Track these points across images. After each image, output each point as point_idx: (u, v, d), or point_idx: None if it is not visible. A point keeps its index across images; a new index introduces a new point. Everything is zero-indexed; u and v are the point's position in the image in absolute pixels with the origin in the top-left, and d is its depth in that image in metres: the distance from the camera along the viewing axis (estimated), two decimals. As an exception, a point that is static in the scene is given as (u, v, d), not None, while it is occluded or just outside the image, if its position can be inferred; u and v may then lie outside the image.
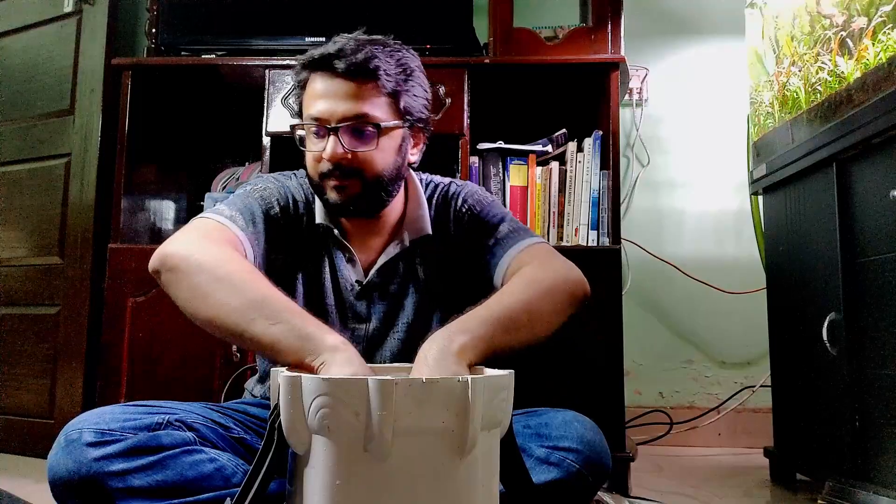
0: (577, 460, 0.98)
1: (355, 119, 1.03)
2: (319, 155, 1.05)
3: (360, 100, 1.04)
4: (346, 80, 1.03)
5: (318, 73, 1.06)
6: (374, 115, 1.04)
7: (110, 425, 0.91)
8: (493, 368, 0.87)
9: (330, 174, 1.05)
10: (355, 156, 1.04)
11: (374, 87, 1.04)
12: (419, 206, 1.18)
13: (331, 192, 1.07)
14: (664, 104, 2.47)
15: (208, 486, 0.89)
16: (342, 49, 1.03)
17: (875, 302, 1.39)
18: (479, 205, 1.20)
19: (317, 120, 1.05)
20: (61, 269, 2.05)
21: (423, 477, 0.68)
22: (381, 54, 1.05)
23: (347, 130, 1.04)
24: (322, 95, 1.04)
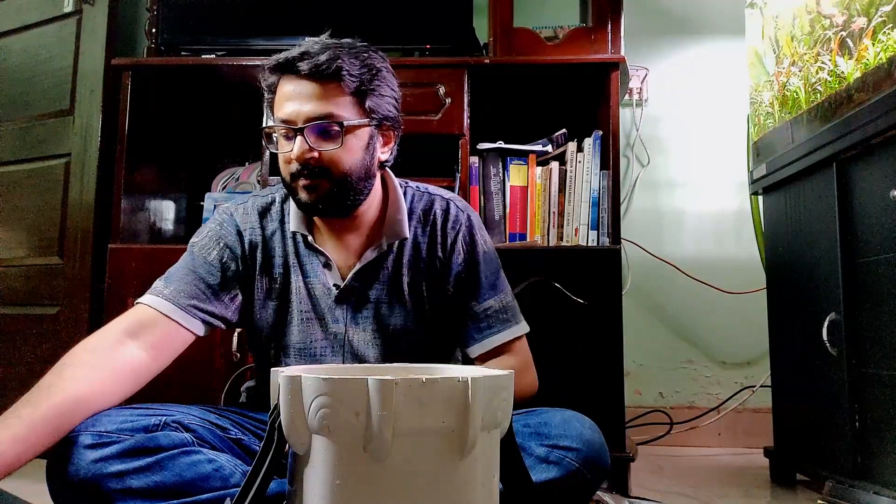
0: (576, 459, 0.99)
1: (320, 119, 1.05)
2: (289, 156, 1.07)
3: (324, 100, 1.06)
4: (310, 82, 1.06)
5: (285, 76, 1.08)
6: (338, 114, 1.06)
7: (108, 427, 0.91)
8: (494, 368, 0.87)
9: (299, 174, 1.07)
10: (322, 155, 1.06)
11: (338, 87, 1.06)
12: (398, 209, 1.18)
13: (301, 193, 1.08)
14: (664, 104, 2.46)
15: (207, 487, 0.89)
16: (306, 51, 1.06)
17: (875, 302, 1.39)
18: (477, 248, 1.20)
19: (284, 122, 1.07)
20: (61, 269, 2.05)
21: (423, 477, 0.68)
22: (344, 55, 1.07)
23: (313, 130, 1.06)
24: (289, 98, 1.07)
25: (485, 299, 1.18)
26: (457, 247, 1.19)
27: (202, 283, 1.11)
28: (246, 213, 1.19)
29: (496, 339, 1.17)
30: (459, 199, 1.25)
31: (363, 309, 1.16)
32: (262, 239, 1.17)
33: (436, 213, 1.21)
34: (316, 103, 1.05)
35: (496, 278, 1.21)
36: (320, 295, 1.16)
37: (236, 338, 1.78)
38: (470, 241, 1.20)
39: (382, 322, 1.16)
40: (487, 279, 1.19)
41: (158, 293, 1.08)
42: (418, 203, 1.21)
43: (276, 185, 1.25)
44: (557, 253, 1.81)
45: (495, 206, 1.88)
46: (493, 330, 1.17)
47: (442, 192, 1.24)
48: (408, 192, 1.22)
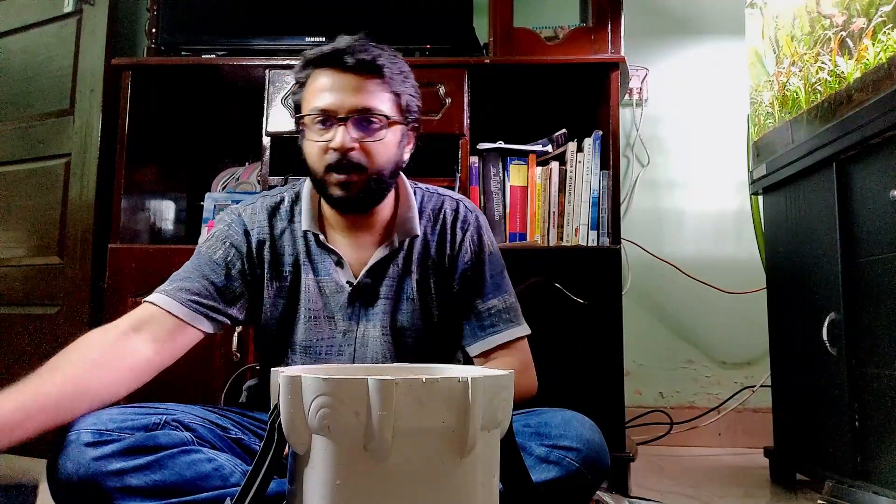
0: (576, 459, 0.99)
1: (363, 112, 1.07)
2: (325, 146, 1.08)
3: (368, 93, 1.08)
4: (354, 75, 1.08)
5: (326, 69, 1.09)
6: (379, 108, 1.09)
7: (108, 426, 0.92)
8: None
9: (336, 165, 1.08)
10: (362, 146, 1.08)
11: (380, 83, 1.09)
12: (409, 208, 1.20)
13: (334, 189, 1.09)
14: (664, 104, 2.47)
15: (206, 486, 0.90)
16: (350, 46, 1.08)
17: (875, 302, 1.39)
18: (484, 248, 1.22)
19: (324, 111, 1.08)
20: (61, 269, 2.04)
21: (423, 477, 0.68)
22: (384, 53, 1.10)
23: (355, 122, 1.07)
24: (330, 89, 1.08)
25: (489, 298, 1.19)
26: (465, 245, 1.21)
27: (206, 281, 1.11)
28: (254, 213, 1.19)
29: (498, 338, 1.18)
30: (468, 201, 1.28)
31: (374, 306, 1.17)
32: (271, 238, 1.18)
33: (445, 213, 1.23)
34: (361, 96, 1.07)
35: (501, 279, 1.23)
36: (331, 293, 1.16)
37: (236, 338, 1.78)
38: (478, 241, 1.22)
39: (391, 319, 1.17)
40: (493, 279, 1.21)
41: (163, 291, 1.09)
42: (428, 203, 1.24)
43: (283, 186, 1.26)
44: (557, 253, 1.81)
45: (495, 206, 1.88)
46: (496, 329, 1.18)
47: (452, 194, 1.27)
48: (417, 192, 1.24)
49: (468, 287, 1.20)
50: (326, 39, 1.95)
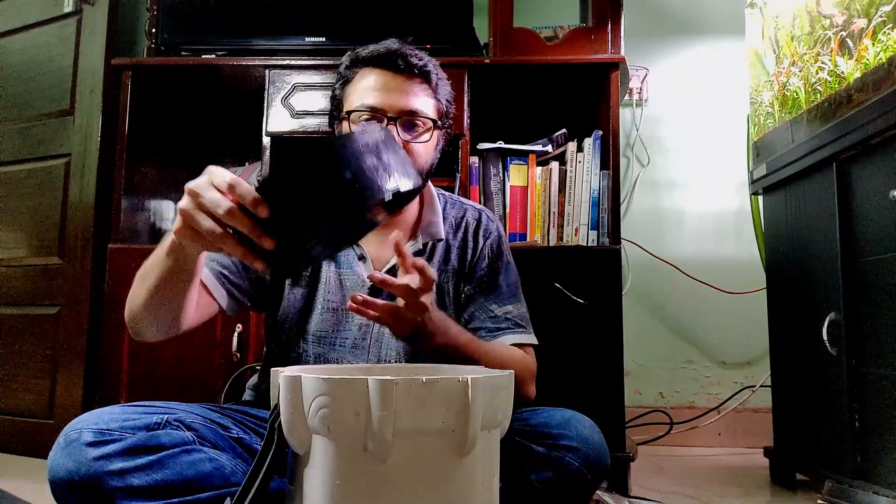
0: (576, 459, 0.99)
1: (410, 114, 1.11)
2: None
3: (416, 96, 1.12)
4: (404, 78, 1.12)
5: (375, 68, 1.12)
6: (425, 112, 1.13)
7: (109, 425, 0.92)
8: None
9: None
10: (407, 147, 1.10)
11: (428, 87, 1.14)
12: (434, 212, 1.23)
13: None
14: (664, 104, 2.47)
15: (207, 486, 0.90)
16: (400, 49, 1.12)
17: (875, 302, 1.39)
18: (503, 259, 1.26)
19: (372, 109, 1.10)
20: (61, 269, 2.05)
21: (423, 477, 0.68)
22: (430, 60, 1.15)
23: (402, 123, 1.11)
24: (380, 88, 1.11)
25: (505, 304, 1.22)
26: (484, 253, 1.24)
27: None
28: None
29: (511, 338, 1.19)
30: (489, 212, 1.31)
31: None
32: None
33: (468, 221, 1.26)
34: (410, 98, 1.11)
35: (517, 289, 1.26)
36: (352, 286, 1.18)
37: (236, 338, 1.78)
38: (497, 251, 1.25)
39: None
40: (509, 288, 1.24)
41: None
42: (451, 210, 1.27)
43: None
44: (557, 253, 1.81)
45: (495, 206, 1.88)
46: (509, 330, 1.20)
47: (474, 204, 1.31)
48: (441, 199, 1.27)
49: (485, 293, 1.22)
50: (326, 39, 1.98)
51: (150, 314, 1.01)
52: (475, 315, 1.21)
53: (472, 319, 1.21)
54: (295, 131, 1.87)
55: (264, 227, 0.78)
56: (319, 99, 1.88)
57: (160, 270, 0.96)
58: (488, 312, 1.21)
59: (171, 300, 1.00)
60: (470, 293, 1.22)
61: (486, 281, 1.23)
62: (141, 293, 1.00)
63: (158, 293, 0.98)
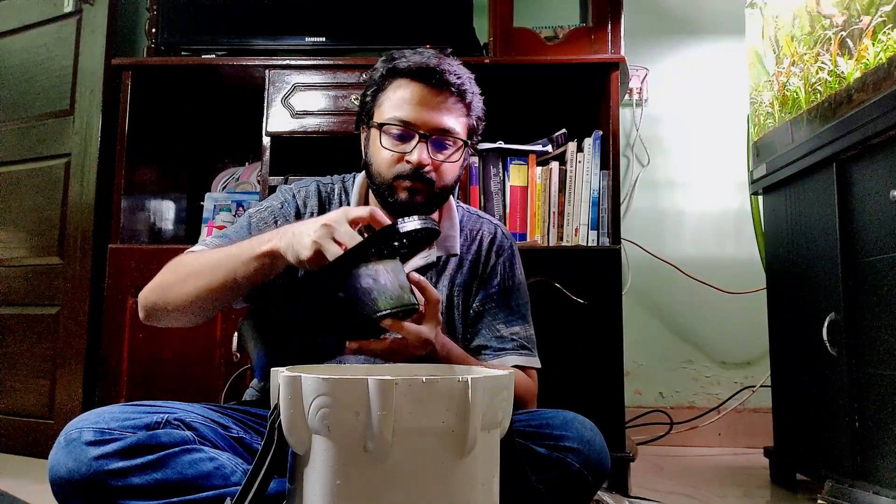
0: (576, 460, 0.99)
1: (444, 132, 1.11)
2: (401, 156, 1.10)
3: (452, 115, 1.12)
4: (440, 94, 1.11)
5: (412, 80, 1.11)
6: (458, 131, 1.13)
7: (110, 424, 0.92)
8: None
9: (406, 176, 1.10)
10: (434, 164, 1.11)
11: (463, 106, 1.14)
12: (452, 225, 1.23)
13: (402, 193, 1.11)
14: (664, 104, 2.47)
15: (208, 485, 0.90)
16: (439, 65, 1.11)
17: (875, 302, 1.39)
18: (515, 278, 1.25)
19: (405, 123, 1.10)
20: (61, 269, 2.04)
21: (423, 477, 0.68)
22: (467, 78, 1.14)
23: (434, 141, 1.11)
24: (417, 103, 1.10)
25: (512, 325, 1.21)
26: (497, 269, 1.23)
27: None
28: (308, 197, 1.22)
29: (516, 359, 1.18)
30: (505, 228, 1.31)
31: None
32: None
33: (483, 235, 1.26)
34: (444, 116, 1.11)
35: (526, 310, 1.25)
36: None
37: (236, 338, 1.78)
38: (509, 269, 1.24)
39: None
40: (519, 308, 1.23)
41: (209, 244, 1.12)
42: (467, 223, 1.27)
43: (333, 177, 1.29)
44: (557, 253, 1.81)
45: (495, 206, 1.88)
46: (513, 351, 1.19)
47: (490, 218, 1.31)
48: (459, 211, 1.27)
49: (493, 311, 1.21)
50: (326, 39, 1.98)
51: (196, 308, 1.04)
52: (481, 332, 1.21)
53: (477, 336, 1.21)
54: (295, 131, 1.87)
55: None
56: (319, 99, 1.88)
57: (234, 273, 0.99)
58: (494, 331, 1.20)
59: (228, 299, 1.03)
60: (479, 309, 1.21)
61: (495, 299, 1.22)
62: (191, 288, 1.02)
63: (220, 292, 1.00)
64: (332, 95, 1.88)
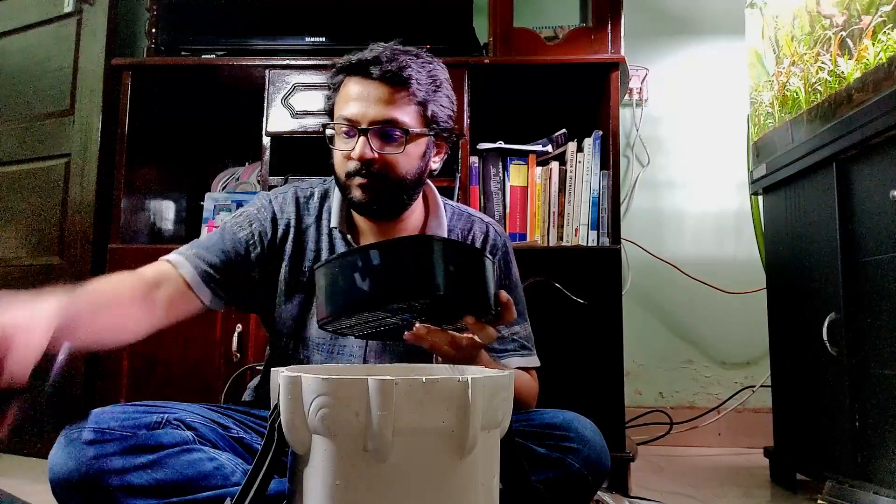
0: (577, 460, 0.99)
1: (385, 123, 1.08)
2: (348, 154, 1.09)
3: (392, 105, 1.08)
4: (379, 85, 1.08)
5: (354, 77, 1.10)
6: (403, 120, 1.09)
7: (109, 424, 0.92)
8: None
9: (356, 173, 1.09)
10: (382, 157, 1.08)
11: (406, 94, 1.09)
12: (439, 224, 1.21)
13: (355, 191, 1.10)
14: (664, 104, 2.47)
15: (207, 485, 0.90)
16: (378, 56, 1.08)
17: (875, 302, 1.39)
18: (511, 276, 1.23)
19: (348, 120, 1.09)
20: (61, 269, 2.04)
21: (423, 477, 0.68)
22: (413, 64, 1.10)
23: (376, 133, 1.08)
24: (356, 98, 1.09)
25: (513, 325, 1.19)
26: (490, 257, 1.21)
27: (224, 255, 1.12)
28: (285, 202, 1.20)
29: (518, 361, 1.18)
30: (498, 225, 1.28)
31: None
32: (297, 229, 1.18)
33: (475, 235, 1.23)
34: (383, 107, 1.08)
35: (523, 308, 1.23)
36: None
37: (236, 338, 1.78)
38: (505, 268, 1.23)
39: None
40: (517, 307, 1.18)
41: (182, 253, 1.11)
42: (458, 222, 1.24)
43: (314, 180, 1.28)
44: (557, 253, 1.81)
45: (495, 206, 1.88)
46: (515, 353, 1.18)
47: (481, 216, 1.28)
48: (448, 209, 1.25)
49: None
50: (326, 39, 1.98)
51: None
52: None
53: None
54: (295, 131, 1.87)
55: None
56: (319, 99, 1.88)
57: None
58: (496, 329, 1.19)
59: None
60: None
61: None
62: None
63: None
64: (332, 95, 1.88)
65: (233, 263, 1.12)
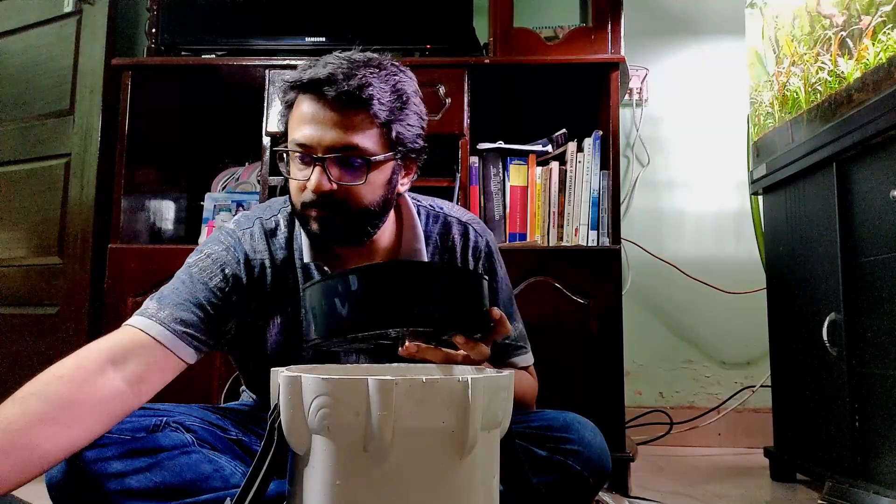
0: (577, 462, 0.99)
1: (343, 150, 0.96)
2: (303, 184, 0.98)
3: (350, 130, 0.96)
4: (335, 108, 0.96)
5: (307, 94, 0.98)
6: (363, 146, 0.97)
7: (108, 427, 0.91)
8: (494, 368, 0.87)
9: (312, 204, 0.98)
10: (341, 188, 0.97)
11: (366, 116, 0.97)
12: (414, 236, 1.10)
13: (313, 223, 1.00)
14: (664, 104, 2.46)
15: (207, 487, 0.89)
16: (333, 73, 0.96)
17: (875, 302, 1.39)
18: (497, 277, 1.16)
19: (301, 146, 0.97)
20: (61, 269, 2.04)
21: (423, 477, 0.68)
22: (375, 80, 0.97)
23: (334, 162, 0.97)
24: (309, 121, 0.97)
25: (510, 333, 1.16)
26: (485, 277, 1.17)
27: (199, 309, 1.00)
28: (254, 240, 1.08)
29: (515, 361, 1.17)
30: (477, 222, 1.19)
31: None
32: (272, 267, 1.08)
33: (454, 239, 1.14)
34: (340, 132, 0.95)
35: (512, 306, 1.19)
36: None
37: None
38: (489, 270, 1.16)
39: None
40: (506, 307, 1.15)
41: (151, 316, 0.96)
42: (434, 226, 1.14)
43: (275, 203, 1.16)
44: (557, 253, 1.81)
45: (495, 206, 1.88)
46: (511, 354, 1.17)
47: (459, 215, 1.17)
48: (421, 213, 1.14)
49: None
50: (326, 39, 1.98)
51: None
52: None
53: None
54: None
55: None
56: (319, 99, 1.87)
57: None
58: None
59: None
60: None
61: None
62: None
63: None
64: (332, 95, 1.88)
65: (209, 316, 1.01)
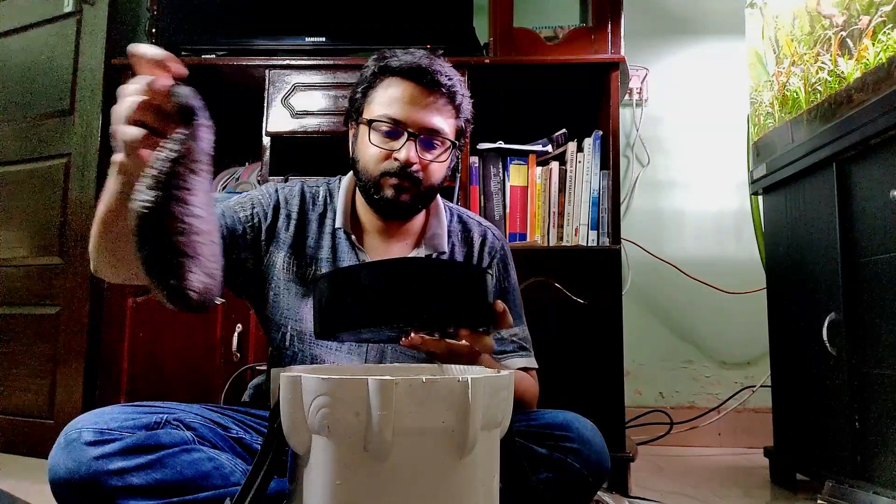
0: (577, 461, 0.99)
1: (433, 132, 1.11)
2: (388, 153, 1.10)
3: (441, 116, 1.12)
4: (432, 94, 1.11)
5: (403, 80, 1.11)
6: (447, 132, 1.13)
7: (109, 425, 0.92)
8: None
9: (394, 173, 1.10)
10: (422, 164, 1.11)
11: (451, 107, 1.14)
12: (439, 223, 1.22)
13: (388, 189, 1.11)
14: (664, 104, 2.47)
15: (207, 485, 0.90)
16: (432, 65, 1.11)
17: (875, 302, 1.39)
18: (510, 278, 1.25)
19: (395, 121, 1.10)
20: (61, 269, 2.05)
21: (423, 477, 0.68)
22: (456, 77, 1.15)
23: (425, 140, 1.11)
24: (407, 101, 1.10)
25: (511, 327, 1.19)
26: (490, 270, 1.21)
27: (222, 227, 1.09)
28: (291, 194, 1.20)
29: (518, 363, 1.18)
30: (496, 229, 1.29)
31: None
32: (300, 222, 1.18)
33: (473, 237, 1.25)
34: (434, 116, 1.11)
35: (521, 310, 1.24)
36: None
37: (236, 338, 1.78)
38: (503, 270, 1.24)
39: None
40: (514, 309, 1.21)
41: None
42: (456, 225, 1.26)
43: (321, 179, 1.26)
44: (557, 253, 1.81)
45: (495, 206, 1.88)
46: (514, 354, 1.19)
47: (480, 219, 1.30)
48: (447, 211, 1.26)
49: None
50: (326, 39, 1.98)
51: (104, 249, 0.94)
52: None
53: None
54: (295, 131, 1.87)
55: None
56: (319, 99, 1.88)
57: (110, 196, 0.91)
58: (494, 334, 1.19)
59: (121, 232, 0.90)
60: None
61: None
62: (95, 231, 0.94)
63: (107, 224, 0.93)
64: (332, 95, 1.88)
65: (226, 240, 1.09)
